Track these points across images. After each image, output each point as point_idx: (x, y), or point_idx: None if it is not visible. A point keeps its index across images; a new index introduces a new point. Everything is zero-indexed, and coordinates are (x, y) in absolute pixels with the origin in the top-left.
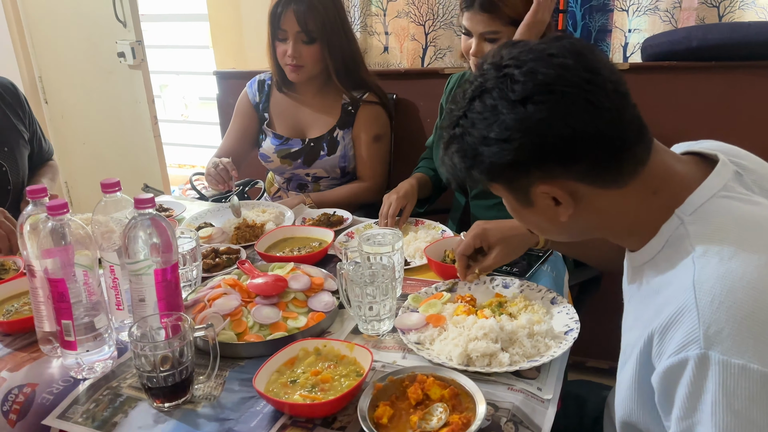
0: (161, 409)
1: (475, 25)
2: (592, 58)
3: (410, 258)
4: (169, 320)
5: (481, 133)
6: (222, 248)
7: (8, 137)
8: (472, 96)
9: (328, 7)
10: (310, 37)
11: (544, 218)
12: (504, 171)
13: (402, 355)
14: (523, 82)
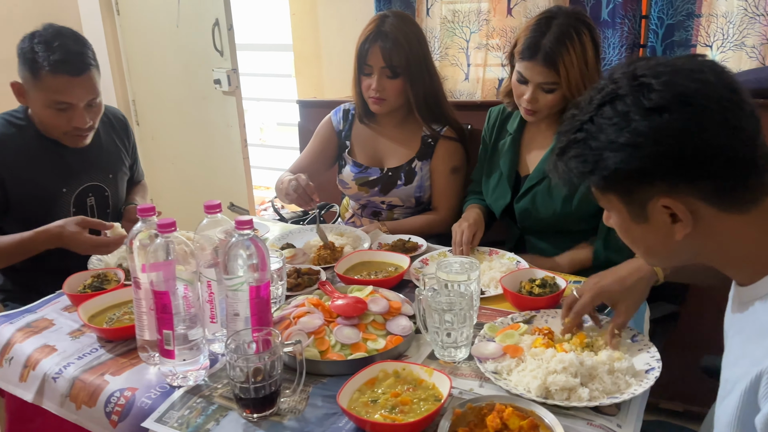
0: (250, 419)
1: (534, 75)
2: (733, 79)
3: (485, 287)
4: (261, 335)
5: (608, 138)
6: (303, 269)
7: (114, 164)
8: (602, 102)
9: (413, 43)
10: (394, 72)
11: (656, 236)
12: (626, 179)
13: (479, 383)
14: (660, 92)
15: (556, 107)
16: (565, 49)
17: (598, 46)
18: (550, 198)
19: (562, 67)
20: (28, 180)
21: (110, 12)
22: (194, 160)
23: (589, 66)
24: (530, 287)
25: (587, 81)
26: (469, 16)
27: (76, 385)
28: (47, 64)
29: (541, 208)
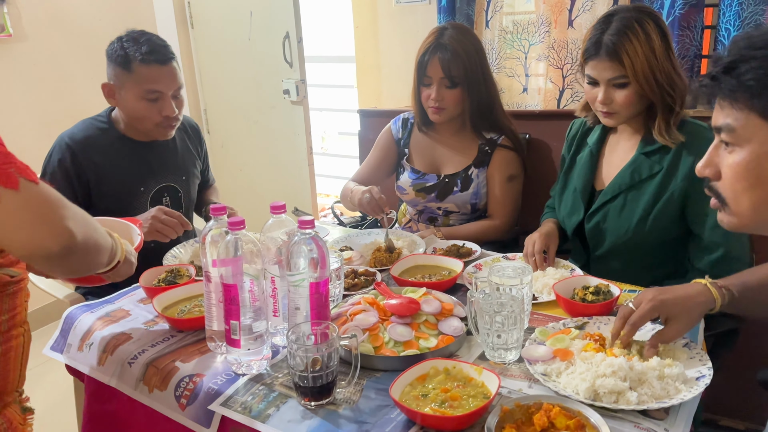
0: (308, 406)
1: (601, 72)
2: None
3: (538, 293)
4: (319, 328)
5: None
6: (360, 270)
7: (188, 167)
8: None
9: (471, 54)
10: (453, 83)
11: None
12: None
13: (528, 384)
14: None
15: (634, 107)
16: (627, 39)
17: (666, 35)
18: (623, 216)
19: (626, 57)
20: (110, 179)
21: (185, 25)
22: (261, 167)
23: (657, 54)
24: (583, 294)
25: (658, 72)
26: (528, 27)
27: (150, 370)
28: (138, 55)
29: (613, 225)
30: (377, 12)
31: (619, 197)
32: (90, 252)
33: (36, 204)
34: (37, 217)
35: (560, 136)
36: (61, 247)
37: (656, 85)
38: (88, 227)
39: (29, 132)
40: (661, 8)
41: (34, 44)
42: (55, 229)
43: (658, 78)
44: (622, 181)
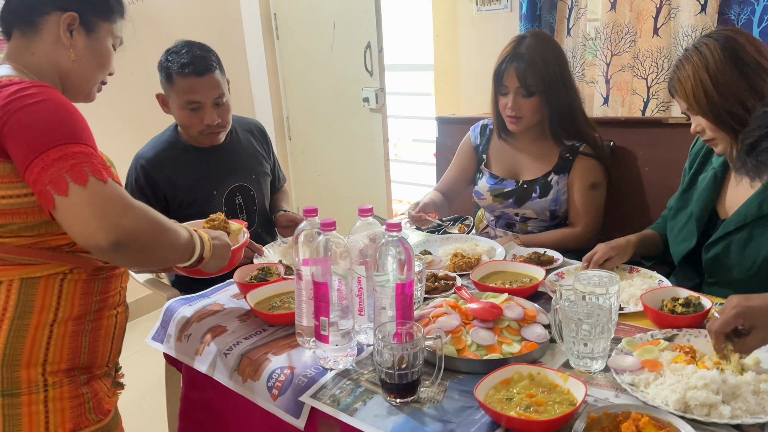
0: (393, 403)
1: (679, 105)
2: None
3: (624, 304)
4: (405, 328)
5: None
6: (440, 274)
7: (255, 166)
8: None
9: (549, 63)
10: (529, 92)
11: None
12: None
13: (615, 393)
14: None
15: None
16: None
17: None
18: (748, 250)
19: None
20: (183, 188)
21: (271, 37)
22: (339, 172)
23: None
24: (672, 305)
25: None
26: (611, 37)
27: (244, 361)
28: (177, 67)
29: (736, 260)
30: (457, 20)
31: (745, 230)
32: (148, 248)
33: (97, 200)
34: (95, 212)
35: (647, 144)
36: (110, 242)
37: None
38: (151, 226)
39: (126, 136)
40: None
41: (131, 54)
42: (107, 225)
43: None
44: (749, 211)
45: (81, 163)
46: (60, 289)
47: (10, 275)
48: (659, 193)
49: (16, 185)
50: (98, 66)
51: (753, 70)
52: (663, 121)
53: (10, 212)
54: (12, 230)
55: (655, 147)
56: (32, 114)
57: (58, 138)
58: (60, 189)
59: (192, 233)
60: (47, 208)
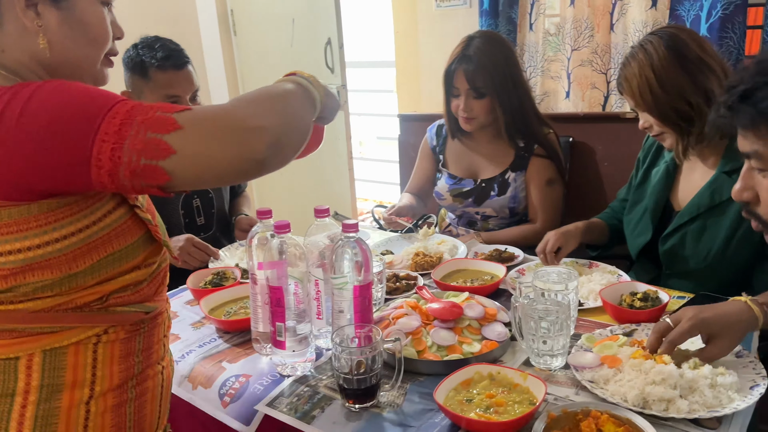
0: (352, 408)
1: (627, 102)
2: None
3: (583, 299)
4: (363, 331)
5: None
6: (402, 274)
7: None
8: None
9: (498, 64)
10: (479, 93)
11: None
12: None
13: (575, 391)
14: None
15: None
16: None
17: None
18: (703, 241)
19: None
20: None
21: (228, 34)
22: (302, 171)
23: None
24: (631, 300)
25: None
26: (571, 32)
27: (196, 369)
28: (154, 62)
29: (691, 251)
30: (417, 16)
31: (698, 220)
32: (292, 123)
33: (210, 130)
34: (223, 141)
35: (606, 139)
36: (267, 149)
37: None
38: (269, 101)
39: None
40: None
41: None
42: (243, 140)
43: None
44: (701, 202)
45: (150, 112)
46: (94, 357)
47: (27, 348)
48: (618, 187)
49: (35, 232)
50: (88, 41)
51: (696, 66)
52: (621, 116)
53: (23, 270)
54: (25, 293)
55: (613, 142)
56: (39, 110)
57: (95, 112)
58: (159, 152)
59: (286, 79)
60: (159, 181)
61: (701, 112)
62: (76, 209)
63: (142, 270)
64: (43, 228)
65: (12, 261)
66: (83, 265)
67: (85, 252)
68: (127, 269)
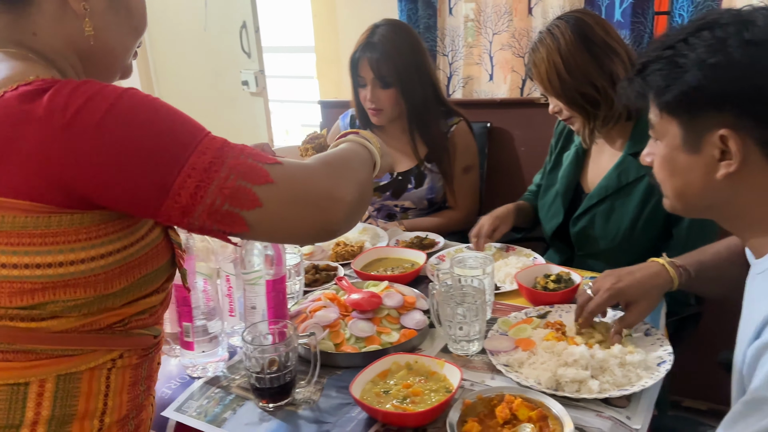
0: (266, 408)
1: (537, 86)
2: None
3: (500, 283)
4: (277, 327)
5: (699, 57)
6: (321, 265)
7: None
8: (701, 26)
9: (404, 53)
10: (385, 83)
11: (698, 170)
12: (699, 101)
13: (490, 376)
14: (763, 28)
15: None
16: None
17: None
18: (612, 221)
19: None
20: None
21: None
22: None
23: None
24: (545, 282)
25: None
26: (492, 16)
27: None
28: None
29: (601, 232)
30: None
31: (606, 201)
32: (364, 185)
33: (296, 191)
34: (307, 203)
35: (523, 124)
36: (345, 215)
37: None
38: (343, 166)
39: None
40: None
41: None
42: (326, 207)
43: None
44: (609, 183)
45: (241, 156)
46: (107, 384)
47: (41, 373)
48: (535, 171)
49: (83, 245)
50: (130, 29)
51: (602, 50)
52: (536, 101)
53: (56, 286)
54: (53, 311)
55: (529, 127)
56: (123, 124)
57: (185, 141)
58: (246, 202)
59: (354, 139)
60: (235, 230)
61: (607, 96)
62: (122, 225)
63: (160, 294)
64: (91, 241)
65: (48, 275)
66: (118, 286)
67: (123, 272)
68: (150, 292)
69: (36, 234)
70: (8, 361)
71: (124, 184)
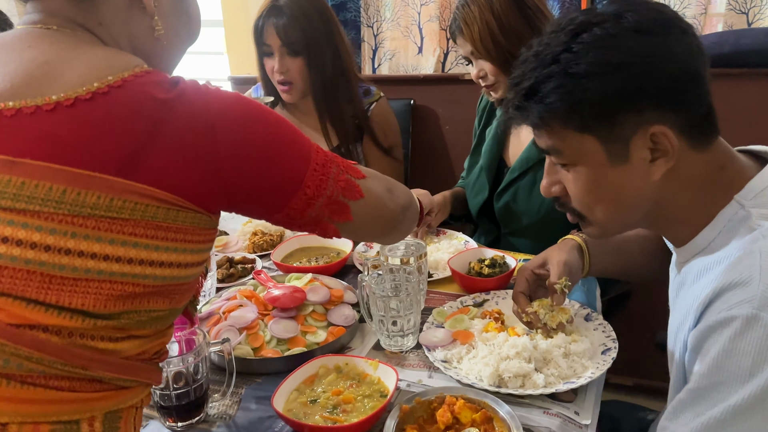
0: (174, 428)
1: (461, 47)
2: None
3: (432, 270)
4: (183, 334)
5: (599, 60)
6: (237, 257)
7: None
8: (576, 31)
9: (312, 19)
10: (293, 50)
11: (633, 180)
12: (615, 108)
13: (428, 373)
14: (637, 17)
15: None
16: None
17: None
18: (534, 194)
19: (467, 37)
20: None
21: None
22: None
23: None
24: (479, 268)
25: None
26: None
27: None
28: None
29: (524, 205)
30: None
31: (529, 174)
32: (410, 210)
33: (383, 181)
34: (388, 193)
35: (447, 102)
36: (399, 219)
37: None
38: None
39: None
40: None
41: None
42: (397, 195)
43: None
44: (530, 155)
45: (336, 156)
46: (135, 427)
47: (96, 408)
48: (461, 151)
49: (198, 247)
50: (188, 35)
51: (534, 13)
52: (460, 77)
53: (159, 291)
54: (135, 324)
55: (453, 104)
56: (261, 124)
57: (302, 140)
58: (354, 192)
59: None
60: (341, 219)
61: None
62: (212, 235)
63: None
64: (198, 245)
65: (155, 275)
66: (183, 301)
67: (192, 285)
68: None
69: (162, 227)
70: (74, 391)
71: (265, 180)
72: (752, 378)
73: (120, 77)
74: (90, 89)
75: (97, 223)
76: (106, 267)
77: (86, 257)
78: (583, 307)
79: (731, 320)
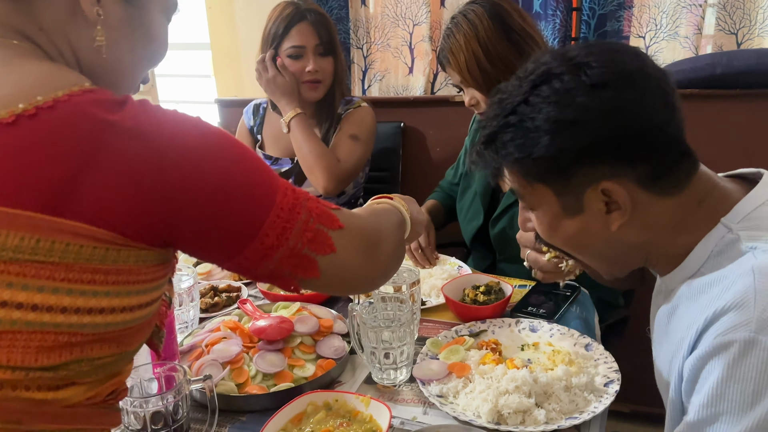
0: None
1: (451, 76)
2: (654, 62)
3: (426, 297)
4: (163, 370)
5: (550, 117)
6: (221, 286)
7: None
8: (536, 82)
9: (332, 22)
10: (327, 49)
11: (591, 229)
12: (568, 162)
13: (423, 410)
14: (599, 69)
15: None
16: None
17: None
18: None
19: (452, 67)
20: None
21: None
22: None
23: None
24: (474, 295)
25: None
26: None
27: None
28: None
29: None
30: None
31: None
32: (399, 241)
33: (360, 237)
34: (367, 246)
35: (436, 124)
36: (384, 273)
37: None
38: (382, 221)
39: None
40: None
41: None
42: (380, 253)
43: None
44: (468, 158)
45: (311, 199)
46: None
47: None
48: None
49: (138, 288)
50: (147, 54)
51: (520, 36)
52: (450, 99)
53: (100, 339)
54: (75, 374)
55: (443, 126)
56: (219, 159)
57: (270, 179)
58: (324, 246)
59: (389, 203)
60: (306, 275)
61: None
62: (166, 270)
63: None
64: (144, 285)
65: (95, 323)
66: (135, 343)
67: (146, 325)
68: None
69: (100, 269)
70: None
71: (217, 222)
72: (755, 405)
73: (52, 97)
74: (14, 111)
75: (22, 269)
76: (35, 318)
77: (10, 308)
78: (582, 336)
79: (728, 345)
